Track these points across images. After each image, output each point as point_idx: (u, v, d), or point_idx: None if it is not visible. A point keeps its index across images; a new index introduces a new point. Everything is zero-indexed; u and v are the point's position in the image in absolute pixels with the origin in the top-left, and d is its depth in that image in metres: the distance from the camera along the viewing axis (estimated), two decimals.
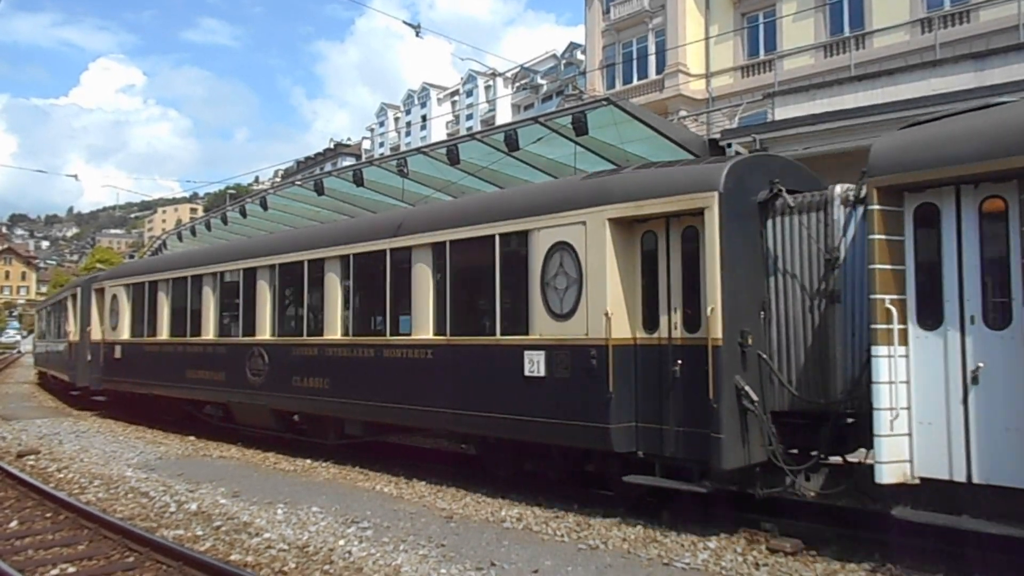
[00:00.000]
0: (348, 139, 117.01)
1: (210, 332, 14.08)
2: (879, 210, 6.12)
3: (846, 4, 25.88)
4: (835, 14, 26.27)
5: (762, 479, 7.31)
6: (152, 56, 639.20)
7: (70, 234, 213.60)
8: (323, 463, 11.46)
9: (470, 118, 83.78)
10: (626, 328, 7.74)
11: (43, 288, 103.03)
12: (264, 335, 12.63)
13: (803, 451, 7.38)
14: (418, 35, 15.91)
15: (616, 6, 32.55)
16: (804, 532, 6.89)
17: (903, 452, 6.01)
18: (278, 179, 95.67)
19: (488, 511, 8.30)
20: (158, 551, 6.75)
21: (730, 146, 14.16)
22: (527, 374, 8.31)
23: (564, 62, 70.20)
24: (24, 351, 58.68)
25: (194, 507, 8.66)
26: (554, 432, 8.08)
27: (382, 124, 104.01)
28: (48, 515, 8.43)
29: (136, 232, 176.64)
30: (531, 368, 8.28)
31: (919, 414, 6.02)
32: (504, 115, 71.39)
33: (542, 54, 76.50)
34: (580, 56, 57.75)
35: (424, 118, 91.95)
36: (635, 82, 31.65)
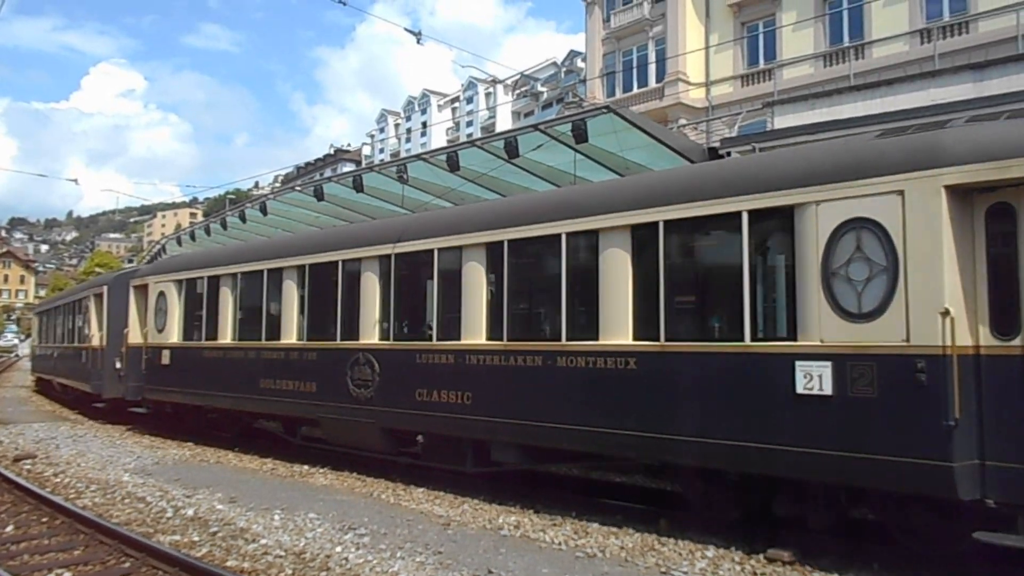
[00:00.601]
0: (348, 145, 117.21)
1: (292, 335, 11.96)
2: None
3: (845, 14, 26.02)
4: (834, 24, 26.40)
5: None
6: (153, 61, 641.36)
7: (69, 238, 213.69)
8: (320, 469, 11.43)
9: (470, 125, 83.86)
10: (966, 333, 5.94)
11: (42, 292, 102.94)
12: (371, 339, 10.53)
13: None
14: (419, 42, 15.93)
15: (616, 14, 32.71)
16: (802, 542, 6.87)
17: None
18: (278, 184, 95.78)
19: (486, 518, 8.28)
20: (154, 557, 6.73)
21: (729, 155, 14.18)
22: (802, 391, 6.45)
23: (564, 70, 70.38)
24: (22, 355, 58.57)
25: (191, 512, 8.63)
26: (848, 469, 6.20)
27: (382, 130, 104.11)
28: (44, 520, 8.41)
29: (135, 236, 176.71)
30: (808, 384, 6.43)
31: None
32: (504, 122, 71.51)
33: (542, 61, 76.66)
34: (580, 64, 57.90)
35: (424, 124, 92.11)
36: (635, 90, 31.77)
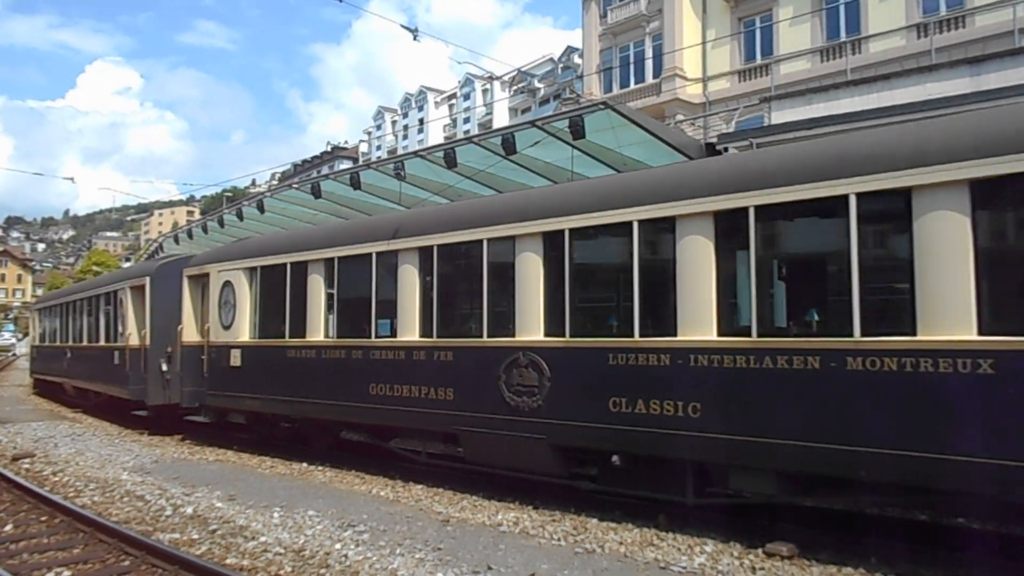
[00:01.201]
0: (345, 142, 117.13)
1: (414, 331, 9.87)
2: None
3: (842, 9, 25.98)
4: (831, 19, 26.38)
5: None
6: (148, 59, 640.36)
7: (66, 237, 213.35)
8: (319, 467, 11.43)
9: (467, 121, 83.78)
10: None
11: (39, 291, 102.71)
12: (534, 335, 8.43)
13: None
14: (415, 39, 15.91)
15: (613, 10, 32.65)
16: (800, 536, 6.89)
17: None
18: (275, 182, 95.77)
19: (485, 515, 8.29)
20: (154, 555, 6.73)
21: (727, 150, 14.19)
22: None
23: (561, 66, 70.26)
24: (20, 354, 58.48)
25: (190, 511, 8.63)
26: None
27: (379, 127, 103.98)
28: (43, 519, 8.41)
29: (132, 235, 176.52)
30: None
31: None
32: (501, 119, 71.49)
33: (539, 58, 76.62)
34: (577, 60, 57.84)
35: (421, 121, 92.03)
36: (632, 86, 31.72)
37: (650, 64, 31.05)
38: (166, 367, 15.08)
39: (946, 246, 5.82)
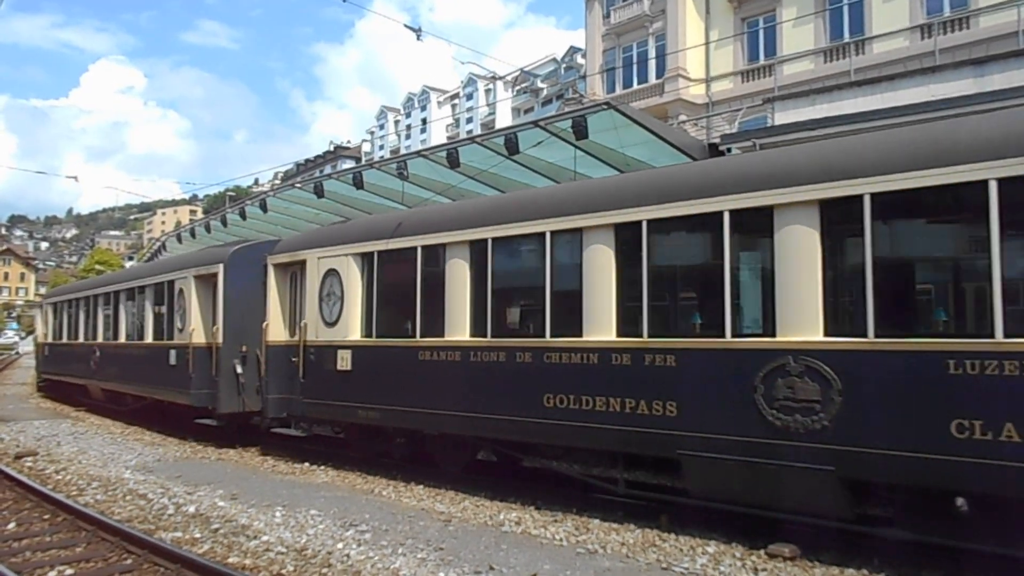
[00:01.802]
0: (348, 142, 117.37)
1: (609, 328, 7.92)
2: None
3: (846, 10, 25.96)
4: (835, 19, 26.36)
5: None
6: (151, 58, 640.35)
7: (69, 235, 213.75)
8: (321, 466, 11.44)
9: (470, 121, 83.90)
10: None
11: (42, 289, 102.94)
12: (811, 334, 6.63)
13: None
14: (419, 38, 15.92)
15: (616, 10, 32.65)
16: (803, 537, 6.88)
17: None
18: (277, 181, 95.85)
19: (487, 514, 8.29)
20: (156, 553, 6.74)
21: (730, 150, 14.18)
22: None
23: (564, 66, 70.36)
24: (23, 352, 58.60)
25: (192, 509, 8.64)
26: None
27: (382, 127, 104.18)
28: (46, 517, 8.42)
29: (135, 234, 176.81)
30: None
31: None
32: (504, 119, 71.54)
33: (542, 58, 76.68)
34: (580, 60, 57.89)
35: (424, 121, 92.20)
36: (635, 86, 31.72)
37: (653, 64, 31.05)
38: (241, 369, 13.42)
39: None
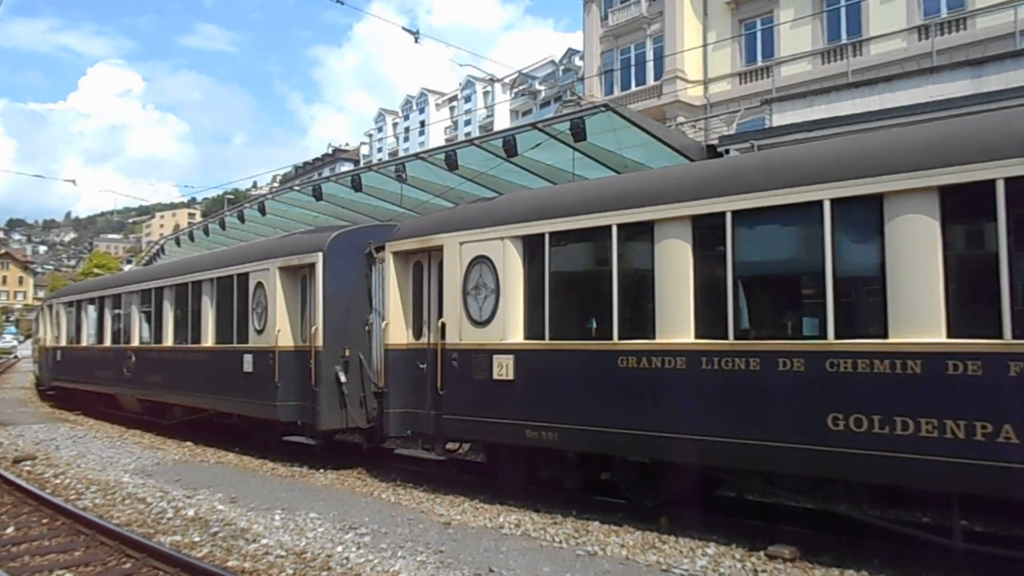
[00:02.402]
0: (346, 144, 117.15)
1: (941, 328, 5.86)
2: None
3: (843, 11, 26.02)
4: (832, 21, 26.41)
5: None
6: (150, 61, 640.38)
7: (68, 239, 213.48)
8: (320, 469, 11.43)
9: (468, 124, 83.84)
10: None
11: (40, 293, 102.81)
12: None
13: None
14: (417, 41, 15.94)
15: (614, 12, 32.69)
16: (803, 539, 6.88)
17: None
18: (276, 184, 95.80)
19: (486, 517, 8.28)
20: (155, 557, 6.74)
21: (728, 152, 14.19)
22: None
23: (562, 68, 70.34)
24: (21, 356, 58.51)
25: (191, 513, 8.63)
26: None
27: (380, 129, 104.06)
28: (45, 521, 8.41)
29: (134, 237, 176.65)
30: None
31: None
32: (502, 121, 71.52)
33: (540, 60, 76.60)
34: (578, 62, 57.89)
35: (422, 124, 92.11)
36: (633, 88, 31.75)
37: (651, 66, 31.08)
38: (345, 378, 11.62)
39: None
